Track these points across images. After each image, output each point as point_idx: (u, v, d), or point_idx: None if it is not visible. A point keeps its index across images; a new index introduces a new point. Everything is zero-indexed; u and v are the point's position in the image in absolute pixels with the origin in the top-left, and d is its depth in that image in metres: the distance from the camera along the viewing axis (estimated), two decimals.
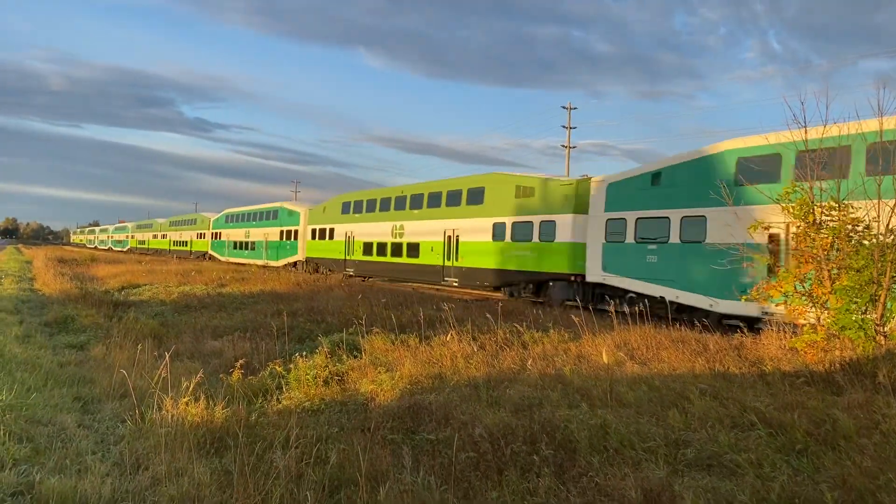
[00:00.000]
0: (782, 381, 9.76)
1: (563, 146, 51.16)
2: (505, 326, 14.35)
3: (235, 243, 62.01)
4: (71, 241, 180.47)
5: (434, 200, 32.72)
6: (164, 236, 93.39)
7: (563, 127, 50.85)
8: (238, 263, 54.79)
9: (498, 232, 27.74)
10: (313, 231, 45.54)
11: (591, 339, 13.35)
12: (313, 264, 45.13)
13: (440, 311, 16.24)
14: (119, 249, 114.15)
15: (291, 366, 10.98)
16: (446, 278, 30.77)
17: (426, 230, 32.62)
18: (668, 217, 20.09)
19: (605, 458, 6.63)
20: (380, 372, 10.82)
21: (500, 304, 17.92)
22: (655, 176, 20.89)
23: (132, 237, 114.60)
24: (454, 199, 31.25)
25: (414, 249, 33.35)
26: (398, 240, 34.95)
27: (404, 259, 34.16)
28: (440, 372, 11.04)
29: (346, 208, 41.69)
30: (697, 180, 19.16)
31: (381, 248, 36.36)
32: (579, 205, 24.04)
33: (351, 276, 38.57)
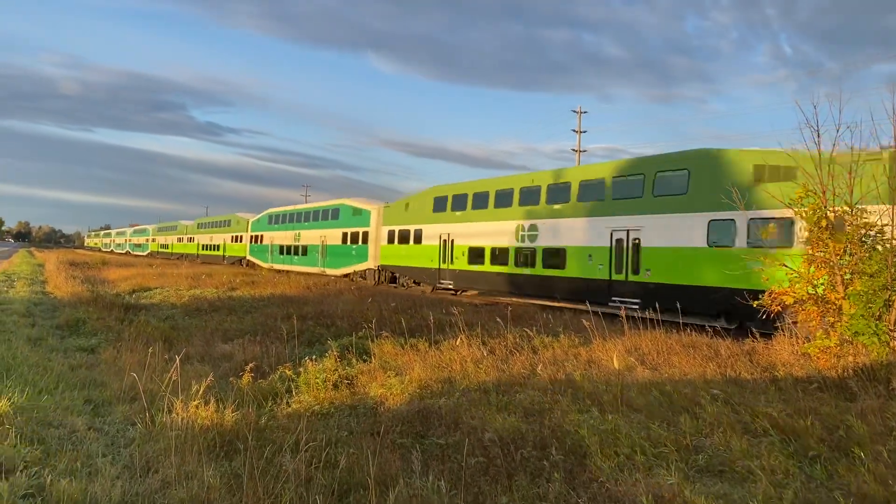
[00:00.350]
0: (795, 387, 9.69)
1: (573, 150, 51.10)
2: (515, 331, 14.32)
3: (282, 248, 53.24)
4: (84, 244, 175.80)
5: (592, 191, 24.07)
6: (190, 239, 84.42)
7: (574, 131, 50.76)
8: (286, 272, 46.40)
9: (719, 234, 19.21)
10: (390, 233, 37.12)
11: (601, 343, 13.29)
12: (388, 273, 38.27)
13: (450, 315, 16.20)
14: (139, 254, 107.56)
15: (301, 369, 10.98)
16: (614, 298, 22.00)
17: (576, 230, 24.32)
18: None
19: (616, 464, 6.59)
20: (389, 376, 10.80)
21: (509, 308, 17.88)
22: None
23: (153, 240, 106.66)
24: (627, 188, 22.56)
25: (556, 257, 25.07)
26: (527, 244, 26.58)
27: (538, 270, 25.85)
28: (450, 376, 11.01)
29: (440, 205, 33.10)
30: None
31: (501, 254, 28.06)
32: None
33: (449, 289, 32.39)
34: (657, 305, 16.90)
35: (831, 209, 11.99)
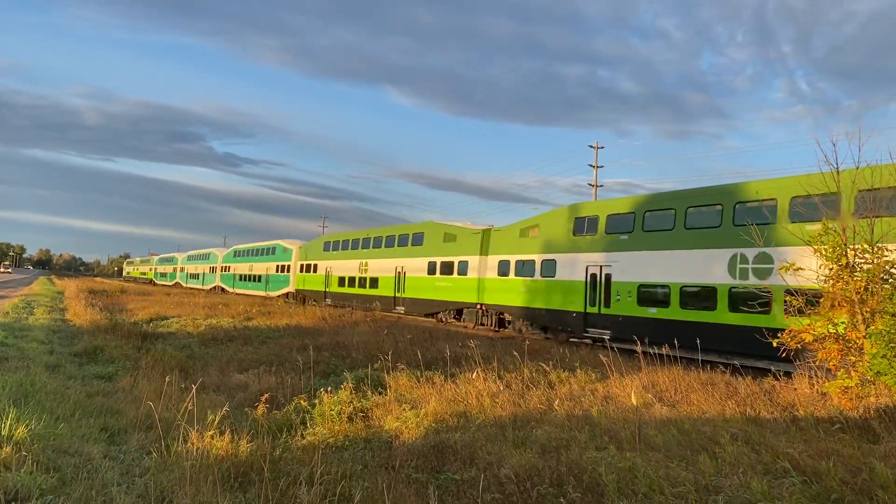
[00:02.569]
0: (816, 427, 9.53)
1: (589, 184, 51.15)
2: (531, 365, 14.23)
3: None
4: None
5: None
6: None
7: (590, 165, 50.89)
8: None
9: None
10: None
11: (618, 379, 13.17)
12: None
13: (465, 348, 16.14)
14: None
15: (316, 401, 10.96)
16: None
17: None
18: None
19: (634, 503, 6.49)
20: (404, 409, 10.75)
21: (526, 342, 17.79)
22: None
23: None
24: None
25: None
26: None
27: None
28: (465, 410, 10.94)
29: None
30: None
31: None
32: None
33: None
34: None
35: (851, 247, 11.90)
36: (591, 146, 50.86)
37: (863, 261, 11.93)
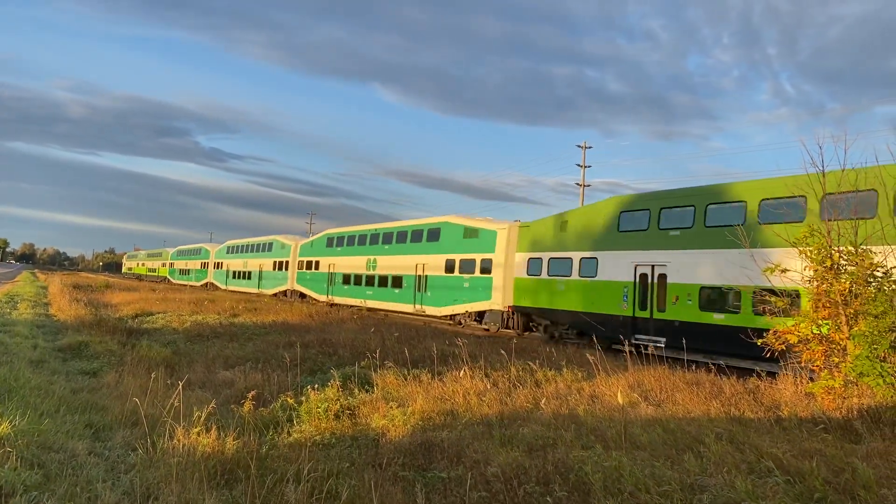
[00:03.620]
0: (799, 428, 9.63)
1: (577, 184, 51.33)
2: (518, 364, 14.27)
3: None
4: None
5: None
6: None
7: (578, 165, 51.07)
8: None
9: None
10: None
11: (604, 378, 13.23)
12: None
13: (453, 346, 16.16)
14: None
15: (303, 398, 10.94)
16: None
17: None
18: None
19: (620, 502, 6.53)
20: (391, 407, 10.75)
21: (513, 341, 17.84)
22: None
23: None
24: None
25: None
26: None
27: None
28: (452, 408, 10.96)
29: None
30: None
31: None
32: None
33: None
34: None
35: (836, 249, 12.01)
36: (579, 146, 51.05)
37: (847, 263, 12.05)
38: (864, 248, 12.03)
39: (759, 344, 13.15)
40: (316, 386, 11.46)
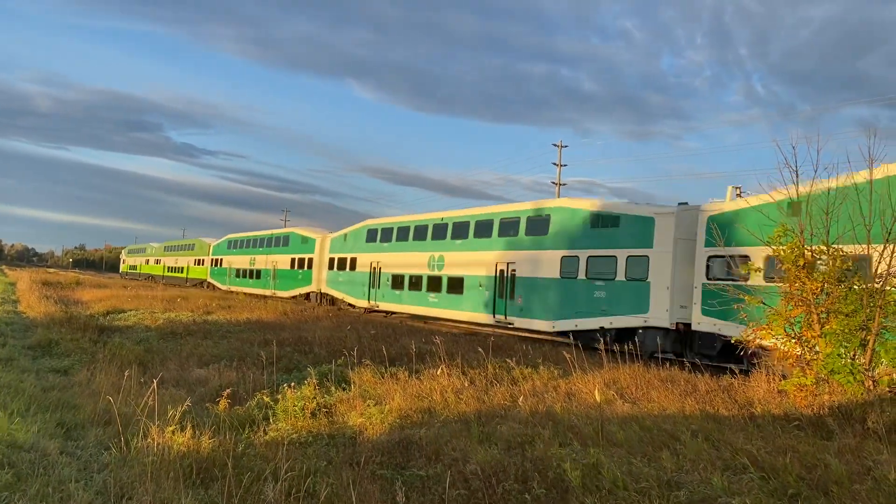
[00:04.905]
0: (773, 424, 9.76)
1: (552, 182, 51.54)
2: (495, 361, 14.30)
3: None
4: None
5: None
6: (157, 261, 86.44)
7: (554, 164, 51.27)
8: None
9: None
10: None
11: (580, 376, 13.30)
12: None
13: (430, 344, 16.15)
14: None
15: (279, 396, 10.85)
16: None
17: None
18: None
19: (599, 499, 6.57)
20: (369, 405, 10.71)
21: (491, 338, 17.87)
22: None
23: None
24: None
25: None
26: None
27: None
28: (430, 406, 10.95)
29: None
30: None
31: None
32: None
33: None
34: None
35: (808, 248, 12.18)
36: (555, 145, 51.25)
37: (820, 262, 12.23)
38: (836, 247, 12.23)
39: (733, 342, 13.32)
40: (292, 384, 11.37)
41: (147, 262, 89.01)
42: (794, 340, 12.06)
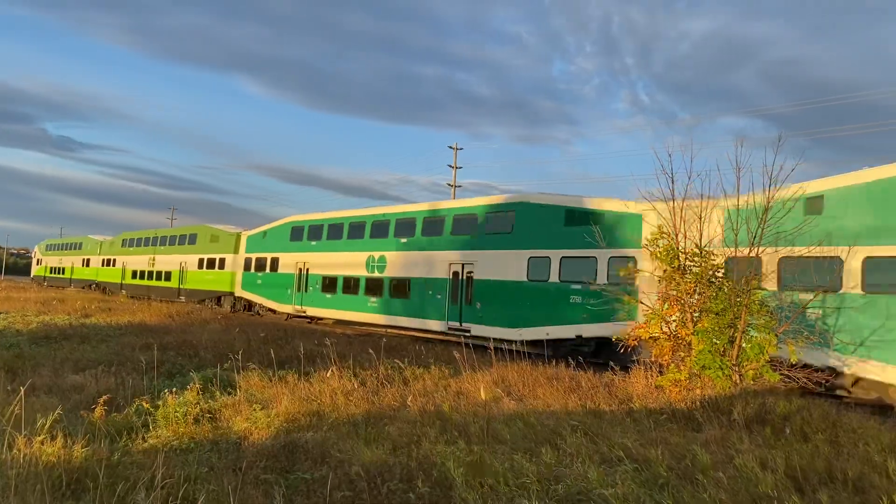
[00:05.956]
0: (648, 418, 10.25)
1: (448, 184, 52.08)
2: (387, 362, 14.32)
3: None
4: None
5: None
6: (110, 262, 75.58)
7: (449, 166, 51.82)
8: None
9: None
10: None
11: (470, 375, 13.53)
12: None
13: (322, 346, 15.98)
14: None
15: (160, 402, 10.46)
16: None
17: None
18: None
19: (480, 495, 6.70)
20: (255, 409, 10.48)
21: (383, 339, 17.87)
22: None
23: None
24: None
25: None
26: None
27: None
28: (319, 409, 10.84)
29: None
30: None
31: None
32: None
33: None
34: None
35: (683, 251, 12.90)
36: (451, 147, 51.81)
37: (693, 264, 12.97)
38: (707, 250, 13.01)
39: (614, 340, 13.92)
40: (174, 389, 10.98)
41: (86, 263, 64.01)
42: (669, 337, 12.75)
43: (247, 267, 37.51)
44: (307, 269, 32.51)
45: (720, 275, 12.75)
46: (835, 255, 13.85)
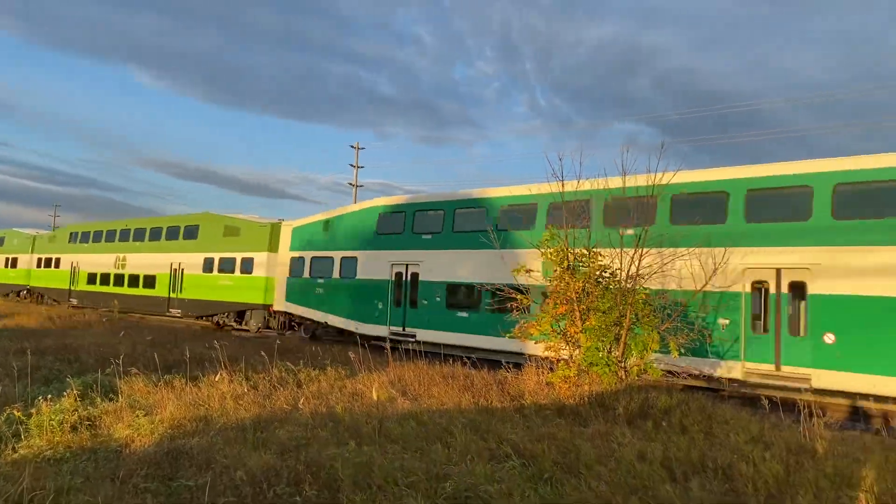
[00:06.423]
0: (537, 414, 10.51)
1: (349, 184, 51.65)
2: (281, 365, 14.06)
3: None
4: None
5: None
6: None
7: (351, 165, 51.41)
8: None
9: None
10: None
11: (367, 376, 13.47)
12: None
13: (212, 349, 15.50)
14: None
15: (33, 410, 9.87)
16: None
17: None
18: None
19: (369, 496, 6.69)
20: (138, 415, 10.06)
21: (277, 341, 17.53)
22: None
23: None
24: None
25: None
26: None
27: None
28: (207, 414, 10.52)
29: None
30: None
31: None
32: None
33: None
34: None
35: (572, 251, 13.31)
36: (353, 146, 51.41)
37: (581, 264, 13.40)
38: (594, 251, 13.47)
39: (507, 338, 14.22)
40: (50, 396, 10.38)
41: (10, 263, 51.92)
42: (560, 335, 13.13)
43: (295, 270, 26.72)
44: (414, 275, 22.23)
45: (607, 274, 13.24)
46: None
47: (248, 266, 29.97)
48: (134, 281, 36.74)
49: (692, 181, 15.60)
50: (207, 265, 32.17)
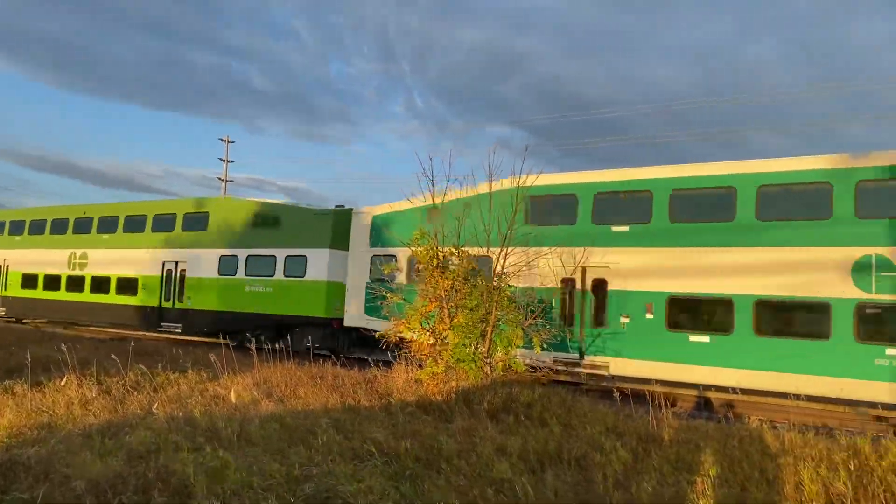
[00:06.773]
0: (404, 412, 10.53)
1: (219, 178, 49.87)
2: (137, 368, 13.36)
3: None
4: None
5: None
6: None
7: (220, 159, 49.64)
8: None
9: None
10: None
11: (230, 378, 13.03)
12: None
13: (60, 352, 14.50)
14: None
15: None
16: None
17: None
18: None
19: (222, 501, 6.44)
20: None
21: (132, 343, 16.65)
22: None
23: None
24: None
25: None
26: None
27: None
28: (51, 421, 9.81)
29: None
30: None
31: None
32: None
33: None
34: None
35: (441, 250, 13.44)
36: (222, 139, 49.67)
37: (451, 262, 13.57)
38: (465, 249, 13.69)
39: (377, 337, 14.17)
40: None
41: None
42: (429, 333, 13.23)
43: (381, 274, 18.76)
44: (603, 284, 16.27)
45: (474, 273, 13.47)
46: None
47: (296, 267, 22.50)
48: (100, 286, 27.76)
49: (547, 184, 16.31)
50: (227, 265, 24.30)
